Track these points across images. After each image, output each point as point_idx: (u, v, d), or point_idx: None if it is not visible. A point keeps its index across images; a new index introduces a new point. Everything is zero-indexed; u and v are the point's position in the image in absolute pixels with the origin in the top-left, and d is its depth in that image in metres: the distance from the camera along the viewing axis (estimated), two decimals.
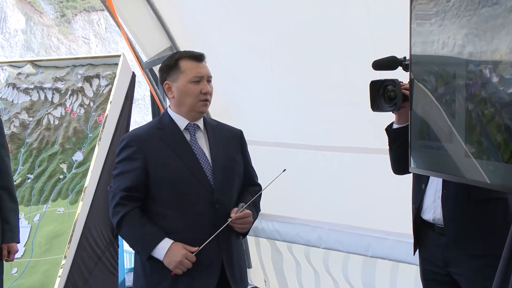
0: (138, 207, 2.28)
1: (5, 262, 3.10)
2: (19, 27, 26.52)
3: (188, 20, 4.13)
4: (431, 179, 2.20)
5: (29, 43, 26.69)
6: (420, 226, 2.25)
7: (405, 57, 2.15)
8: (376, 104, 2.22)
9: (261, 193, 2.44)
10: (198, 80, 2.31)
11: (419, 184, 2.24)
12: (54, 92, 4.43)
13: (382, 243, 3.55)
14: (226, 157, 2.37)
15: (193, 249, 2.22)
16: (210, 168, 2.31)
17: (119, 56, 4.34)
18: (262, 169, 2.63)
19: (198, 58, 2.36)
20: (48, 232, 3.89)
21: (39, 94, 4.47)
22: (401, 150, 2.18)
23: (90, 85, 4.36)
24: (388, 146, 2.32)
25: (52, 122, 4.33)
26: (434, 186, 2.18)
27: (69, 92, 4.37)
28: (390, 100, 2.18)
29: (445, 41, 1.80)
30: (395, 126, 2.28)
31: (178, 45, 4.22)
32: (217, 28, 3.97)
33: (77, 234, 3.77)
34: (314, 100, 3.64)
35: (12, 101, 4.51)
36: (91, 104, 4.30)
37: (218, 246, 2.28)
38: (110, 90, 4.23)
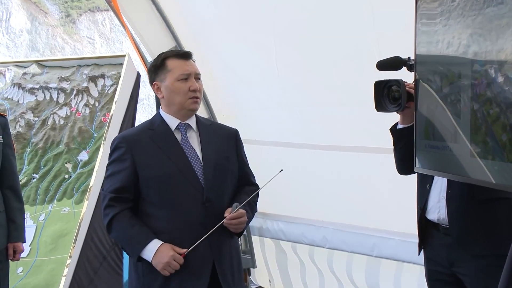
0: (128, 208, 2.26)
1: (10, 262, 3.11)
2: (24, 27, 26.58)
3: (193, 20, 4.13)
4: (435, 179, 2.19)
5: (34, 43, 26.74)
6: (425, 226, 2.24)
7: (409, 57, 2.15)
8: (381, 105, 2.22)
9: (257, 193, 2.40)
10: (185, 78, 2.29)
11: (423, 184, 2.24)
12: (60, 92, 4.45)
13: (386, 243, 3.55)
14: (218, 156, 2.33)
15: (182, 251, 2.19)
16: (201, 167, 2.28)
17: (124, 56, 4.35)
18: (266, 169, 2.63)
19: (184, 56, 2.34)
20: (54, 232, 3.91)
21: (44, 94, 4.49)
22: (406, 150, 2.18)
23: (95, 85, 4.37)
24: (393, 146, 2.32)
25: (57, 122, 4.35)
26: (439, 186, 2.18)
27: (74, 92, 4.39)
28: (394, 101, 2.18)
29: (450, 41, 1.80)
30: (399, 126, 2.27)
31: (182, 45, 4.22)
32: (221, 28, 3.97)
33: (82, 234, 3.79)
34: (319, 100, 3.63)
35: (18, 101, 4.53)
36: (96, 104, 4.31)
37: (209, 247, 2.25)
38: (115, 90, 4.24)
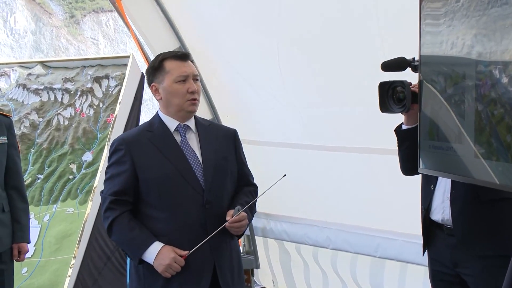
0: (128, 211, 2.24)
1: (15, 262, 3.12)
2: (29, 28, 26.64)
3: (197, 21, 4.14)
4: (439, 180, 2.19)
5: (38, 44, 26.79)
6: (429, 226, 2.24)
7: (414, 58, 2.14)
8: (385, 105, 2.21)
9: (257, 194, 2.40)
10: (183, 80, 2.27)
11: (428, 184, 2.24)
12: (64, 92, 4.46)
13: (390, 243, 3.54)
14: (217, 157, 2.32)
15: (183, 253, 2.18)
16: (201, 168, 2.27)
17: (128, 56, 4.37)
18: (270, 170, 2.63)
19: (182, 57, 2.33)
20: (58, 232, 3.92)
21: (49, 95, 4.51)
22: (410, 151, 2.17)
23: (100, 85, 4.39)
24: (397, 147, 2.32)
25: (61, 123, 4.36)
26: (443, 187, 2.18)
27: (78, 93, 4.40)
28: (399, 101, 2.17)
29: (454, 42, 1.80)
30: (404, 127, 2.27)
31: (186, 46, 4.23)
32: (225, 29, 3.98)
33: (86, 234, 3.80)
34: (323, 101, 3.63)
35: (22, 101, 4.55)
36: (101, 104, 4.33)
37: (210, 249, 2.24)
38: (119, 91, 4.26)
